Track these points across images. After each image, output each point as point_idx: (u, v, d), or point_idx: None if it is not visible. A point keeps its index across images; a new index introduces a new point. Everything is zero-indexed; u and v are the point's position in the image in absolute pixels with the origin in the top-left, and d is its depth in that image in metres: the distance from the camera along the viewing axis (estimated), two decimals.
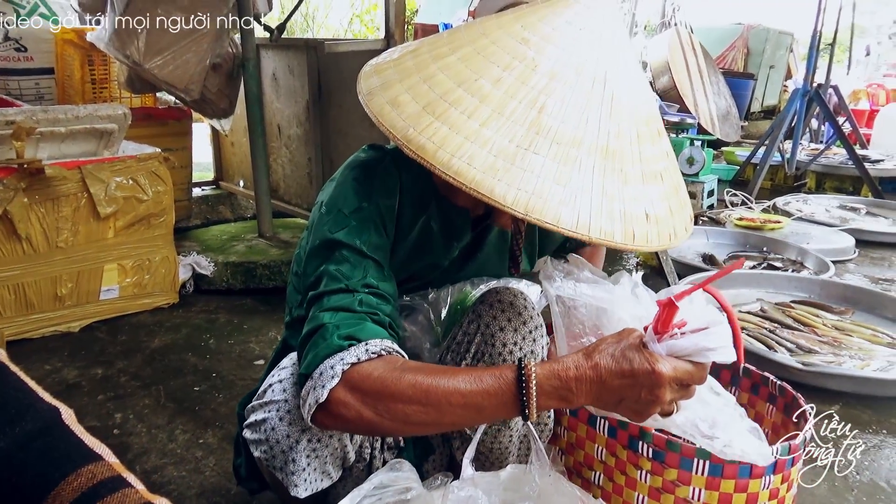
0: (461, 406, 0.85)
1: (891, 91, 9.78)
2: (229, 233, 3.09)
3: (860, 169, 4.78)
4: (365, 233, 1.00)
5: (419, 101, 0.86)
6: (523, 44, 0.89)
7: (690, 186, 4.29)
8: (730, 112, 7.38)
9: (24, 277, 2.16)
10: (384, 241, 1.04)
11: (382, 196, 1.04)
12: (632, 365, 0.83)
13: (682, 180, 1.00)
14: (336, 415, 0.87)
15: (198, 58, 2.58)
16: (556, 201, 0.80)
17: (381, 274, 1.00)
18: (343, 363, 0.87)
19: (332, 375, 0.87)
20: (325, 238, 1.00)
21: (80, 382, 1.96)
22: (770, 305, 2.54)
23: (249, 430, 1.06)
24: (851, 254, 3.46)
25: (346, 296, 0.95)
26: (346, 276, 0.96)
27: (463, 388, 0.84)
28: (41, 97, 3.01)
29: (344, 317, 0.93)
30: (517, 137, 0.83)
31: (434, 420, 0.87)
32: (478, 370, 0.88)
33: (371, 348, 0.89)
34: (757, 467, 1.00)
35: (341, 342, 0.89)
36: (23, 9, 2.89)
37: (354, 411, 0.86)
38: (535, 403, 0.84)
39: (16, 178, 2.08)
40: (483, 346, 1.07)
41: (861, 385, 1.99)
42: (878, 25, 14.92)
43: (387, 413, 0.86)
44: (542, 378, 0.84)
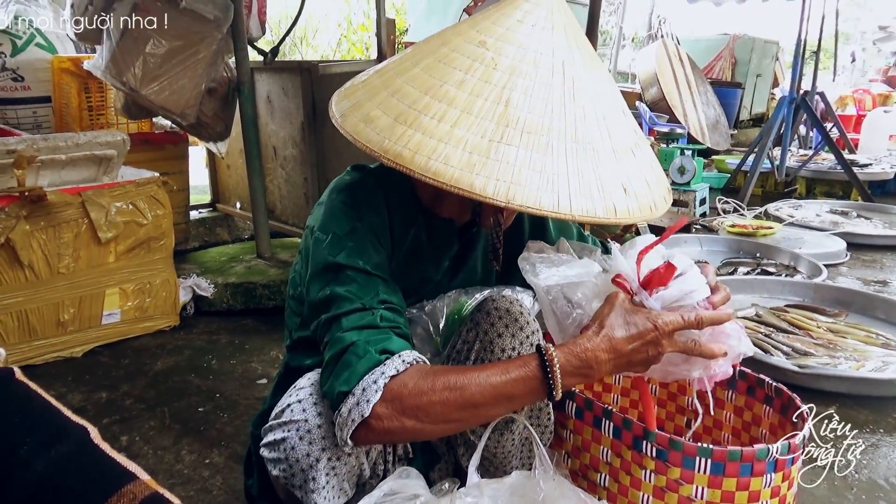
0: (494, 398, 0.91)
1: (877, 96, 9.90)
2: (228, 254, 3.12)
3: (849, 173, 4.85)
4: (364, 252, 1.03)
5: (390, 113, 0.90)
6: (481, 46, 0.94)
7: (682, 195, 4.34)
8: (719, 121, 7.46)
9: (26, 304, 2.18)
10: (382, 257, 1.06)
11: (372, 214, 1.07)
12: (637, 327, 0.93)
13: (654, 155, 1.05)
14: (378, 429, 0.91)
15: (193, 83, 2.62)
16: (534, 187, 0.84)
17: (390, 288, 1.03)
18: (384, 376, 0.91)
19: (376, 390, 0.90)
20: (327, 262, 1.02)
21: (86, 407, 1.97)
22: (765, 310, 2.57)
23: (267, 449, 1.07)
24: (843, 257, 3.50)
25: (365, 314, 0.98)
26: (358, 295, 0.99)
27: (494, 381, 0.91)
28: (39, 125, 3.04)
29: (370, 333, 0.96)
30: (488, 132, 0.87)
31: (472, 415, 0.93)
32: (502, 363, 0.95)
33: (406, 359, 0.93)
34: (758, 465, 1.03)
35: (379, 356, 0.93)
36: (20, 39, 2.94)
37: (398, 422, 0.90)
38: (559, 384, 0.91)
39: (17, 206, 2.10)
40: (482, 352, 1.09)
41: (857, 386, 2.02)
42: (863, 32, 15.12)
43: (427, 417, 0.91)
44: (563, 361, 0.92)
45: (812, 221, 4.17)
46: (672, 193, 1.06)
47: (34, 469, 0.56)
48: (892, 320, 2.55)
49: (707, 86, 7.74)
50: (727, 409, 1.36)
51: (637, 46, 13.23)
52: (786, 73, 10.23)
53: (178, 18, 2.52)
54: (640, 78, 7.67)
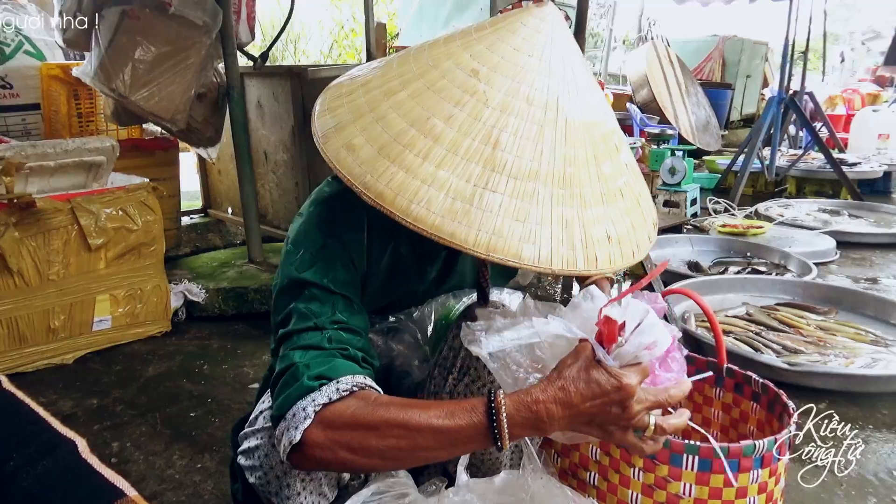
0: (435, 441, 0.86)
1: (866, 95, 9.96)
2: (219, 259, 3.11)
3: (838, 172, 4.88)
4: (331, 270, 1.01)
5: (374, 144, 0.87)
6: (473, 76, 0.89)
7: (674, 196, 4.36)
8: (709, 122, 7.50)
9: (16, 311, 2.17)
10: (352, 275, 1.04)
11: (346, 230, 1.05)
12: (600, 385, 0.83)
13: (645, 187, 1.01)
14: (311, 457, 0.89)
15: (183, 88, 2.62)
16: (516, 238, 0.82)
17: (351, 308, 1.01)
18: (315, 404, 0.88)
19: (305, 417, 0.88)
20: (292, 277, 1.01)
21: (76, 413, 1.97)
22: (755, 309, 2.58)
23: (243, 457, 1.07)
24: (833, 255, 3.52)
25: (315, 334, 0.96)
26: (315, 313, 0.97)
27: (436, 424, 0.85)
28: (28, 132, 3.03)
29: (314, 355, 0.93)
30: (473, 176, 0.83)
31: (409, 456, 0.88)
32: (450, 404, 0.88)
33: (342, 386, 0.89)
34: (745, 461, 1.03)
35: (311, 383, 0.90)
36: (8, 46, 2.93)
37: (329, 452, 0.87)
38: (506, 436, 0.84)
39: (6, 213, 2.09)
40: (468, 359, 1.09)
41: (847, 382, 2.03)
42: (851, 32, 15.23)
43: (362, 451, 0.87)
44: (512, 411, 0.84)
45: (802, 220, 4.20)
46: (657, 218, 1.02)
47: (20, 485, 0.56)
48: (881, 317, 2.57)
49: (697, 87, 7.78)
50: (715, 406, 1.37)
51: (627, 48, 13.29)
52: (775, 74, 10.29)
53: (167, 24, 2.52)
54: (631, 80, 7.70)
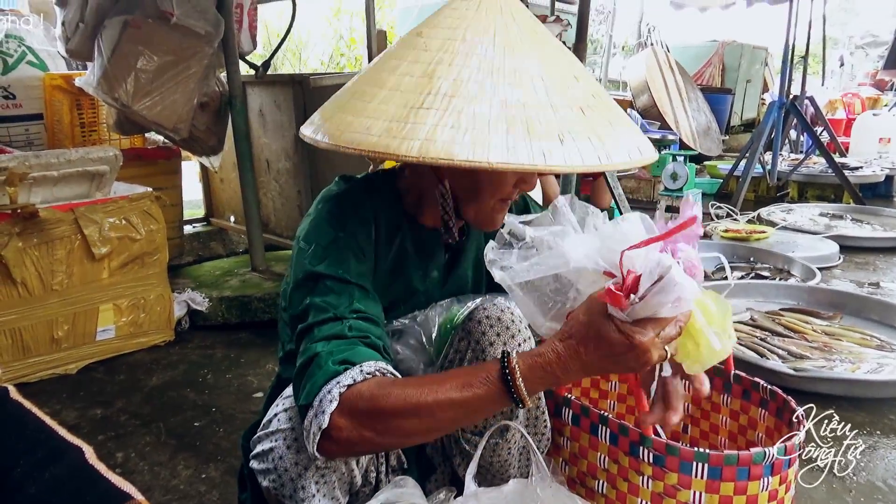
0: (455, 413, 0.89)
1: (866, 99, 9.97)
2: (222, 268, 3.11)
3: (840, 177, 4.88)
4: (345, 262, 1.03)
5: (336, 106, 0.99)
6: (417, 36, 0.98)
7: (676, 201, 4.35)
8: (710, 127, 7.51)
9: (20, 322, 2.17)
10: (365, 266, 1.06)
11: (356, 224, 1.08)
12: (611, 346, 0.84)
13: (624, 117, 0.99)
14: (338, 439, 0.89)
15: (185, 98, 2.63)
16: (447, 141, 0.84)
17: (367, 298, 1.03)
18: (340, 386, 0.89)
19: (331, 399, 0.88)
20: (307, 271, 1.02)
21: (80, 424, 1.96)
22: (760, 314, 2.57)
23: (256, 461, 1.07)
24: (836, 260, 3.52)
25: (335, 324, 0.97)
26: (332, 305, 0.98)
27: (454, 397, 0.88)
28: (31, 143, 3.04)
29: (336, 344, 0.94)
30: (410, 102, 0.89)
31: (432, 428, 0.91)
32: (463, 373, 0.92)
33: (366, 369, 0.91)
34: (755, 468, 1.03)
35: (336, 367, 0.91)
36: (10, 57, 2.94)
37: (356, 433, 0.88)
38: (525, 395, 0.87)
39: (9, 223, 2.09)
40: (475, 361, 1.09)
41: (853, 388, 2.02)
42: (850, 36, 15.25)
43: (385, 430, 0.89)
44: (526, 373, 0.87)
45: (804, 225, 4.19)
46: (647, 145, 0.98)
47: (28, 492, 0.55)
48: (886, 322, 2.56)
49: (697, 92, 7.79)
50: (723, 413, 1.36)
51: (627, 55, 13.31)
52: (775, 79, 10.32)
53: (170, 34, 2.52)
54: (631, 85, 7.71)
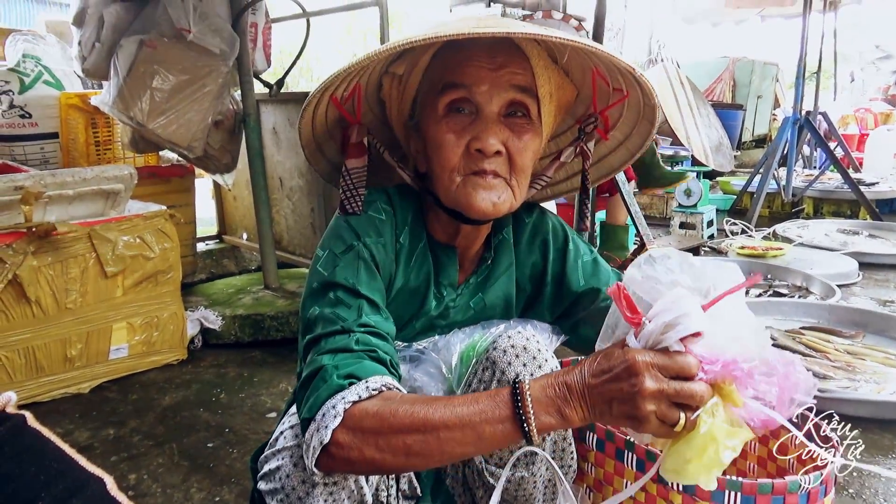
0: (459, 430, 0.83)
1: (878, 115, 9.93)
2: (235, 286, 3.10)
3: (856, 192, 4.83)
4: (357, 272, 1.01)
5: None
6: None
7: (690, 218, 4.32)
8: (722, 143, 7.48)
9: (33, 341, 2.16)
10: (377, 281, 1.04)
11: (373, 235, 1.06)
12: (609, 361, 0.81)
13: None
14: (339, 457, 0.86)
15: (200, 116, 2.63)
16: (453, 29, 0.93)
17: (377, 312, 1.01)
18: (345, 402, 0.86)
19: (335, 415, 0.86)
20: (320, 280, 1.01)
21: (93, 444, 1.94)
22: (780, 333, 2.53)
23: (264, 481, 1.04)
24: (855, 277, 3.47)
25: (343, 337, 0.95)
26: (341, 317, 0.97)
27: (460, 412, 0.83)
28: (46, 161, 3.05)
29: (342, 357, 0.92)
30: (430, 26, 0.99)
31: (435, 449, 0.84)
32: (474, 395, 0.86)
33: (372, 385, 0.88)
34: (790, 498, 0.99)
35: (342, 381, 0.89)
36: (27, 77, 2.96)
37: (357, 451, 0.85)
38: (532, 419, 0.81)
39: (25, 241, 2.09)
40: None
41: (880, 410, 1.97)
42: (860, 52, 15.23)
43: (388, 447, 0.85)
44: (536, 391, 0.82)
45: (821, 241, 4.14)
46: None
47: None
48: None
49: (708, 108, 7.77)
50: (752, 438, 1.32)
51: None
52: (786, 94, 10.30)
53: (185, 53, 2.53)
54: None
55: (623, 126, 1.22)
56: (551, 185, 1.37)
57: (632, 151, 1.27)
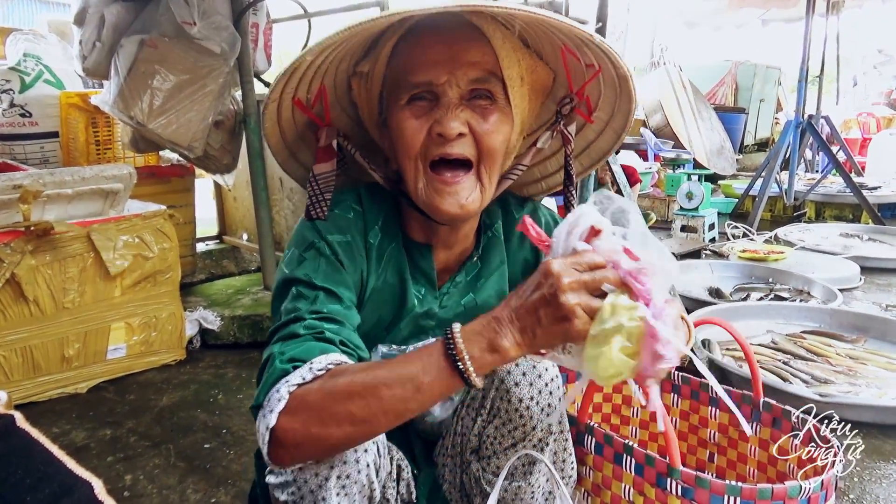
0: (399, 387, 0.82)
1: (881, 119, 9.92)
2: (234, 286, 3.09)
3: (859, 196, 4.82)
4: (316, 266, 1.02)
5: None
6: None
7: (691, 221, 4.31)
8: (724, 146, 7.48)
9: (31, 340, 2.15)
10: (340, 272, 1.04)
11: (336, 233, 1.06)
12: (526, 282, 0.82)
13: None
14: (286, 441, 0.85)
15: (200, 116, 2.63)
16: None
17: (335, 301, 1.00)
18: (288, 385, 0.86)
19: (279, 398, 0.85)
20: (282, 277, 1.03)
21: (89, 444, 1.93)
22: (781, 337, 2.52)
23: (274, 475, 1.03)
24: (857, 281, 3.45)
25: (293, 325, 0.95)
26: (297, 308, 0.98)
27: (398, 370, 0.83)
28: (46, 160, 3.04)
29: (288, 344, 0.93)
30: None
31: (378, 410, 0.83)
32: (413, 352, 0.86)
33: (315, 366, 0.87)
34: (789, 502, 0.98)
35: (286, 366, 0.88)
36: (28, 76, 2.96)
37: (302, 430, 0.84)
38: (467, 357, 0.80)
39: (23, 240, 2.08)
40: (499, 401, 1.05)
41: (881, 415, 1.96)
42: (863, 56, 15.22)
43: (332, 419, 0.83)
44: (467, 331, 0.82)
45: (823, 245, 4.13)
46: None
47: None
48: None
49: (711, 111, 7.77)
50: (752, 442, 1.31)
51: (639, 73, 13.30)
52: (788, 98, 10.29)
53: (186, 52, 2.53)
54: (644, 105, 7.70)
55: (605, 106, 1.19)
56: (545, 178, 1.33)
57: (618, 132, 1.23)
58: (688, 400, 1.44)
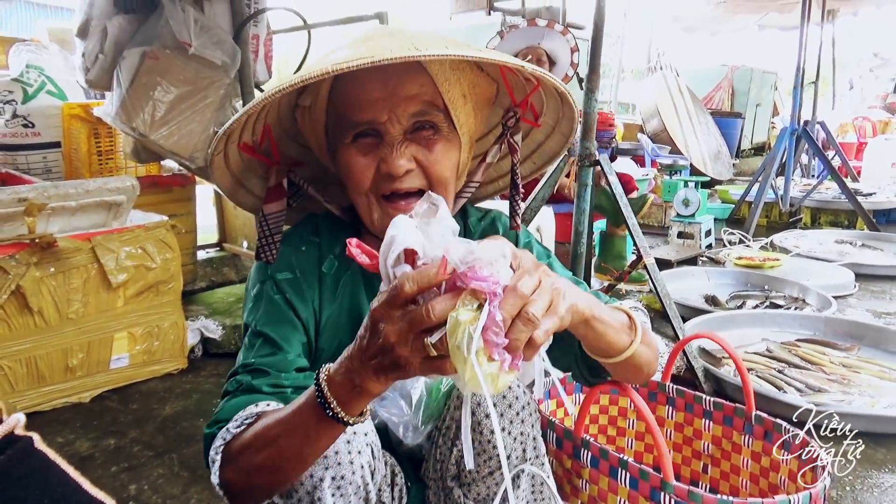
0: (287, 434, 0.84)
1: (877, 122, 9.97)
2: (235, 294, 3.12)
3: (854, 203, 4.86)
4: (259, 310, 1.04)
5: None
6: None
7: (688, 228, 4.35)
8: (720, 151, 7.52)
9: (35, 350, 2.18)
10: (280, 314, 1.04)
11: (283, 270, 1.07)
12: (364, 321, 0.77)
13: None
14: (234, 493, 0.91)
15: (202, 127, 2.65)
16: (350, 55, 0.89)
17: (266, 347, 1.02)
18: (215, 448, 0.91)
19: (212, 461, 0.91)
20: (244, 321, 1.08)
21: (94, 454, 1.96)
22: (776, 345, 2.55)
23: None
24: (852, 288, 3.49)
25: (228, 382, 1.00)
26: (238, 361, 1.02)
27: (282, 416, 0.85)
28: (48, 170, 3.07)
29: (222, 401, 0.98)
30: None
31: (280, 458, 0.86)
32: (297, 399, 0.86)
33: (233, 425, 0.92)
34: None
35: (211, 430, 0.94)
36: (31, 87, 2.99)
37: (239, 483, 0.90)
38: (333, 402, 0.79)
39: (28, 252, 2.11)
40: (473, 433, 1.06)
41: (873, 423, 1.99)
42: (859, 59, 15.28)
43: (250, 470, 0.88)
44: (331, 375, 0.81)
45: (819, 252, 4.16)
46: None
47: None
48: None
49: (707, 116, 7.81)
50: (744, 453, 1.34)
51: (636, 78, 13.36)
52: (785, 102, 10.35)
53: (187, 64, 2.56)
54: (641, 110, 7.74)
55: (550, 112, 1.17)
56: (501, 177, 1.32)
57: (566, 135, 1.22)
58: (682, 412, 1.47)
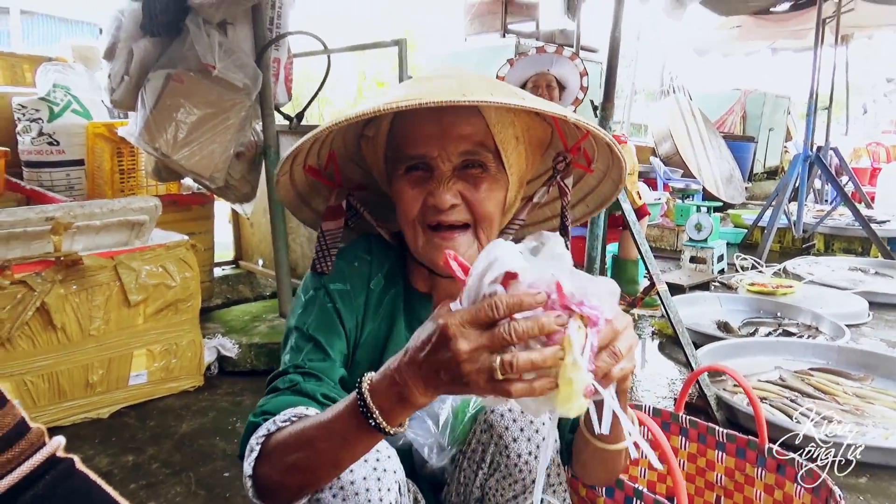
0: (325, 438, 0.86)
1: (891, 148, 9.94)
2: (251, 313, 3.16)
3: (867, 231, 4.85)
4: (311, 315, 1.09)
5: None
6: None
7: (700, 252, 4.35)
8: (733, 175, 7.53)
9: (57, 366, 2.22)
10: (331, 322, 1.10)
11: (336, 281, 1.13)
12: (425, 331, 0.77)
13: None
14: (264, 488, 0.92)
15: (222, 148, 2.71)
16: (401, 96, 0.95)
17: (318, 353, 1.07)
18: (257, 437, 0.93)
19: (250, 451, 0.93)
20: (287, 325, 1.12)
21: (113, 471, 1.99)
22: (789, 374, 2.55)
23: None
24: (866, 317, 3.48)
25: (278, 379, 1.04)
26: (288, 361, 1.05)
27: (322, 420, 0.87)
28: (71, 187, 3.13)
29: (269, 396, 1.01)
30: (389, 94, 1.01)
31: (315, 460, 0.88)
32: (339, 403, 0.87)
33: (280, 418, 0.94)
34: None
35: (257, 419, 0.96)
36: (57, 106, 3.06)
37: (272, 478, 0.91)
38: (377, 412, 0.80)
39: (53, 270, 2.16)
40: (498, 456, 1.10)
41: (888, 456, 1.99)
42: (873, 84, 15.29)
43: (285, 468, 0.90)
44: (374, 383, 0.82)
45: (832, 280, 4.15)
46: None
47: None
48: None
49: (720, 140, 7.83)
50: (757, 486, 1.36)
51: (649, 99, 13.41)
52: (798, 126, 10.35)
53: (210, 87, 2.62)
54: (654, 133, 7.78)
55: (602, 158, 1.22)
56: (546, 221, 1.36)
57: (616, 182, 1.26)
58: (695, 443, 1.49)
